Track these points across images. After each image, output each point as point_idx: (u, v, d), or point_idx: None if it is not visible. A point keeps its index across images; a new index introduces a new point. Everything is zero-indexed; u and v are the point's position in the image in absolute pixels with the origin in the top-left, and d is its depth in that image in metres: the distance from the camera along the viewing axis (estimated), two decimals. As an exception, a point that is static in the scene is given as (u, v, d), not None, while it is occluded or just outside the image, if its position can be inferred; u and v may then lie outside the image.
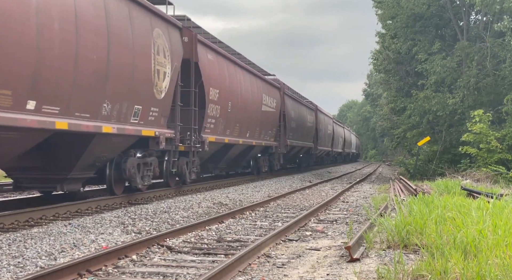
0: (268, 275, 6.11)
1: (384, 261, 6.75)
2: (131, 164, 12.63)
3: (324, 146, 43.41)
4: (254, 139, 22.96)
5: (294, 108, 31.72)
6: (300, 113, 33.53)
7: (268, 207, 13.27)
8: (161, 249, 7.38)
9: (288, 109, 29.87)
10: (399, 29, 27.56)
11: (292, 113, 30.92)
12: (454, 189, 15.26)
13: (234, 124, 19.89)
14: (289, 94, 30.94)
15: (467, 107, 24.11)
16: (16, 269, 6.01)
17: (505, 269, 5.31)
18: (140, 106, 12.18)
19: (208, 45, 17.24)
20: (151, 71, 12.51)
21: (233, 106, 19.41)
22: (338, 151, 55.21)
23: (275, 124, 26.90)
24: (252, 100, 22.30)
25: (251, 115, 22.21)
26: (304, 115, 35.05)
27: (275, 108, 26.75)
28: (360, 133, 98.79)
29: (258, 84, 23.80)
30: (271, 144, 26.10)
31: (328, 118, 47.49)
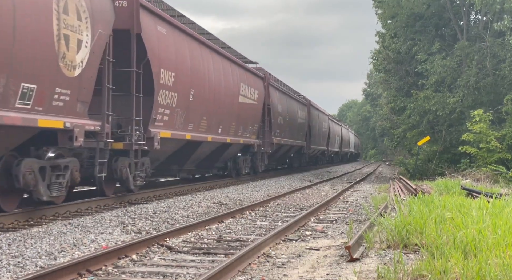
0: (268, 275, 6.11)
1: (384, 260, 6.75)
2: (28, 167, 9.16)
3: (319, 144, 40.25)
4: (229, 136, 19.49)
5: (282, 102, 28.06)
6: (290, 108, 30.23)
7: (268, 206, 13.27)
8: (161, 249, 7.38)
9: (274, 103, 26.30)
10: (399, 29, 27.58)
11: (280, 108, 27.30)
12: (454, 188, 15.27)
13: (199, 117, 16.34)
14: (275, 85, 26.99)
15: (467, 107, 24.12)
16: (16, 269, 6.01)
17: (505, 269, 5.31)
18: (34, 85, 8.63)
19: (158, 14, 13.59)
20: (52, 36, 8.98)
21: (197, 95, 15.82)
22: (335, 150, 52.12)
23: (257, 119, 23.17)
24: (225, 89, 18.70)
25: (224, 107, 18.67)
26: (295, 111, 31.85)
27: (256, 100, 22.82)
28: (360, 133, 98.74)
29: (234, 71, 20.06)
30: (252, 141, 22.51)
31: (323, 115, 44.18)
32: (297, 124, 32.36)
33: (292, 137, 30.64)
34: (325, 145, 43.84)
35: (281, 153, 30.43)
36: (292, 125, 30.85)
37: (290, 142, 30.16)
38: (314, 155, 42.04)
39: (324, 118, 43.91)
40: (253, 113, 22.65)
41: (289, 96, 31.19)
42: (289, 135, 29.70)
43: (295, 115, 31.96)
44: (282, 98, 28.31)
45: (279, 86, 28.45)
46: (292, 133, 30.68)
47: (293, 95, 32.51)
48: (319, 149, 41.01)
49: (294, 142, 31.50)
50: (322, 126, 41.97)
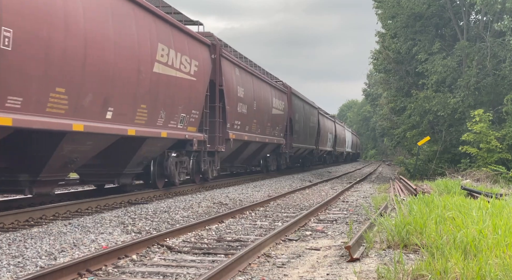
0: (268, 275, 6.11)
1: (384, 260, 6.75)
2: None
3: (305, 142, 33.95)
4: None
5: (244, 84, 21.25)
6: (259, 93, 23.32)
7: (268, 206, 13.27)
8: (161, 249, 7.38)
9: (231, 83, 20.03)
10: (399, 29, 27.58)
11: (240, 91, 20.52)
12: (454, 188, 15.27)
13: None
14: (232, 60, 19.88)
15: (467, 107, 24.11)
16: (16, 269, 6.01)
17: (505, 269, 5.31)
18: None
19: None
20: None
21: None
22: (326, 149, 45.69)
23: (199, 103, 17.70)
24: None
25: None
26: (267, 98, 24.88)
27: (195, 75, 16.16)
28: (360, 133, 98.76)
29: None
30: (189, 135, 16.65)
31: (311, 108, 37.17)
32: (271, 116, 25.48)
33: (262, 132, 24.04)
34: (313, 143, 37.71)
35: (248, 152, 23.25)
36: (262, 117, 23.89)
37: (260, 138, 23.35)
38: (299, 155, 35.54)
39: (312, 111, 37.45)
40: (190, 93, 15.32)
41: (258, 78, 23.60)
42: (257, 129, 23.12)
43: (268, 104, 25.04)
44: (244, 79, 21.23)
45: (238, 61, 20.71)
46: (262, 126, 24.03)
47: (264, 78, 25.04)
48: (306, 148, 34.66)
49: (266, 138, 24.63)
50: (309, 121, 35.59)
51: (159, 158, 14.83)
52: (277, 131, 27.01)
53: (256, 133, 22.88)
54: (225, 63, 18.51)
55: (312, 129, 36.95)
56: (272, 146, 26.56)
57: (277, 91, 27.29)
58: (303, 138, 33.61)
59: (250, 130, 21.96)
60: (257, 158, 25.90)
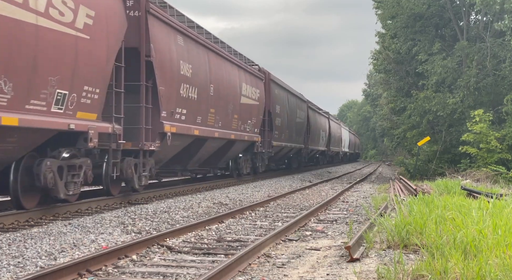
0: (268, 275, 6.11)
1: (384, 261, 6.75)
2: None
3: (289, 140, 29.33)
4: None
5: (190, 58, 15.29)
6: (221, 75, 18.01)
7: (268, 206, 13.27)
8: (161, 249, 7.38)
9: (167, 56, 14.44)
10: (399, 29, 27.59)
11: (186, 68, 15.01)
12: (454, 189, 15.27)
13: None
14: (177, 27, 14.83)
15: (467, 107, 24.12)
16: (16, 269, 6.01)
17: (505, 269, 5.31)
18: None
19: None
20: None
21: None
22: (318, 149, 40.88)
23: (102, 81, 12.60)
24: None
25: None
26: (233, 82, 19.47)
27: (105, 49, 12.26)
28: (360, 134, 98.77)
29: None
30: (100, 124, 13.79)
31: (298, 101, 32.39)
32: (239, 106, 20.13)
33: (226, 126, 18.55)
34: (301, 142, 33.36)
35: (207, 152, 17.97)
36: (225, 106, 18.51)
37: (221, 134, 17.85)
38: (284, 155, 31.26)
39: (299, 105, 32.75)
40: (77, 58, 10.17)
41: (218, 55, 17.90)
42: (217, 122, 17.58)
43: (235, 91, 19.60)
44: (193, 53, 15.52)
45: (183, 27, 15.13)
46: (226, 119, 18.58)
47: (228, 56, 19.37)
48: (291, 147, 30.20)
49: (232, 133, 19.25)
50: (295, 115, 30.94)
51: (27, 161, 9.58)
52: (249, 126, 21.57)
53: (215, 127, 17.29)
54: (156, 25, 13.13)
55: (299, 125, 32.37)
56: (243, 144, 21.14)
57: (249, 76, 21.75)
58: (288, 135, 28.99)
59: (204, 122, 16.32)
60: (222, 159, 20.03)
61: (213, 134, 17.04)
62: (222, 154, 19.60)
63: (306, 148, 35.02)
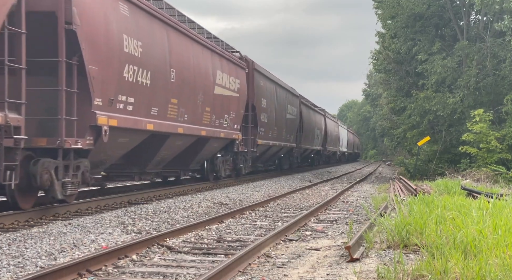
0: (268, 275, 6.11)
1: (384, 261, 6.75)
2: None
3: (278, 139, 26.54)
4: None
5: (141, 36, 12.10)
6: (187, 58, 15.00)
7: (268, 206, 13.27)
8: (161, 249, 7.38)
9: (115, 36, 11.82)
10: (399, 29, 27.59)
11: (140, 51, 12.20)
12: (454, 188, 15.27)
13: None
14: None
15: (467, 107, 24.13)
16: (16, 269, 6.01)
17: (505, 269, 5.31)
18: None
19: None
20: None
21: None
22: (313, 148, 38.60)
23: None
24: None
25: None
26: (202, 67, 16.15)
27: None
28: (360, 133, 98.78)
29: None
30: None
31: (288, 95, 29.37)
32: (213, 97, 16.89)
33: (194, 121, 15.38)
34: (293, 140, 30.88)
35: (172, 151, 15.00)
36: (193, 96, 15.31)
37: (187, 129, 14.84)
38: (273, 155, 28.17)
39: (290, 99, 29.83)
40: None
41: (181, 33, 14.66)
42: (182, 115, 14.53)
43: (206, 78, 16.29)
44: (143, 25, 12.35)
45: None
46: (193, 112, 15.42)
47: (196, 36, 15.88)
48: (281, 146, 27.39)
49: (203, 129, 16.04)
50: (284, 111, 28.07)
51: None
52: (227, 122, 18.50)
53: (179, 122, 14.29)
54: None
55: (291, 122, 29.63)
56: (219, 142, 18.20)
57: (226, 63, 18.29)
58: (277, 133, 26.17)
59: (163, 115, 13.34)
60: (195, 159, 16.95)
61: (175, 130, 13.90)
62: (193, 154, 16.49)
63: (298, 147, 32.50)
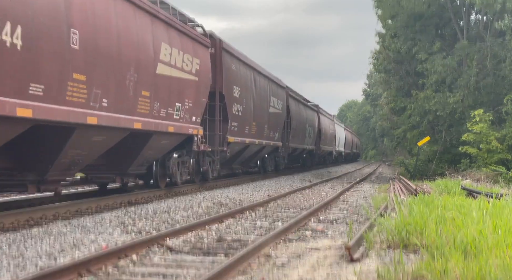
0: (268, 275, 6.11)
1: (384, 261, 6.75)
2: None
3: (259, 136, 22.61)
4: None
5: None
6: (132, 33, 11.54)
7: (268, 206, 13.27)
8: (161, 249, 7.38)
9: None
10: (399, 29, 27.61)
11: None
12: (454, 188, 15.28)
13: None
14: None
15: (467, 107, 24.14)
16: (16, 269, 6.01)
17: (505, 269, 5.31)
18: None
19: None
20: None
21: None
22: (305, 147, 35.01)
23: None
24: None
25: None
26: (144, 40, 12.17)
27: None
28: (360, 133, 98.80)
29: None
30: None
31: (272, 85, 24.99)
32: (164, 82, 13.13)
33: (120, 109, 11.14)
34: (278, 138, 26.85)
35: (92, 150, 11.05)
36: (117, 76, 11.01)
37: (115, 122, 10.94)
38: (252, 155, 23.52)
39: (275, 91, 25.84)
40: None
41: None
42: (101, 100, 10.43)
43: (146, 54, 12.25)
44: None
45: None
46: (119, 97, 11.19)
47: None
48: (263, 145, 23.38)
49: (147, 122, 12.29)
50: (266, 103, 23.95)
51: None
52: (179, 112, 14.06)
53: (92, 109, 10.11)
54: None
55: (275, 117, 25.54)
56: (170, 138, 13.96)
57: (178, 36, 13.89)
58: (256, 129, 22.19)
59: (55, 97, 9.24)
60: (134, 161, 12.90)
61: (83, 119, 9.85)
62: (129, 154, 12.74)
63: (285, 147, 28.96)
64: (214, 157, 17.72)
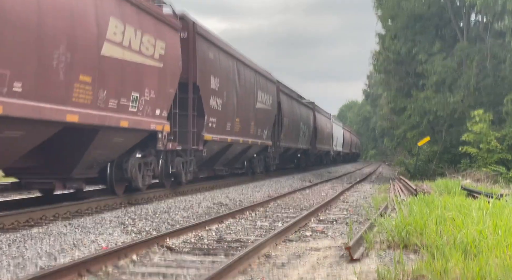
0: (268, 275, 6.11)
1: (384, 261, 6.75)
2: None
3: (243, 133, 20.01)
4: None
5: None
6: None
7: (268, 207, 13.27)
8: (161, 249, 7.38)
9: None
10: (399, 30, 27.62)
11: None
12: (454, 189, 15.27)
13: None
14: None
15: (467, 107, 24.15)
16: (16, 270, 6.01)
17: (505, 270, 5.31)
18: None
19: None
20: None
21: None
22: (298, 147, 32.61)
23: None
24: None
25: None
26: (75, 5, 9.35)
27: None
28: (360, 133, 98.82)
29: None
30: None
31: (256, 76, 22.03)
32: (112, 67, 10.65)
33: (48, 97, 8.67)
34: (267, 137, 24.12)
35: (14, 147, 8.83)
36: (43, 54, 8.57)
37: (31, 112, 8.34)
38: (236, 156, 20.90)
39: (263, 85, 22.99)
40: None
41: None
42: (16, 84, 7.94)
43: (89, 30, 9.80)
44: None
45: None
46: (44, 82, 8.65)
47: None
48: (249, 144, 20.88)
49: (90, 115, 9.90)
50: (254, 98, 21.50)
51: None
52: (136, 104, 11.73)
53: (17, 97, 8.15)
54: None
55: (263, 114, 22.98)
56: (125, 135, 11.77)
57: (133, 12, 11.52)
58: (241, 126, 19.60)
59: None
60: (79, 162, 10.74)
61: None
62: (71, 155, 10.63)
63: (276, 146, 26.43)
64: (187, 157, 15.30)
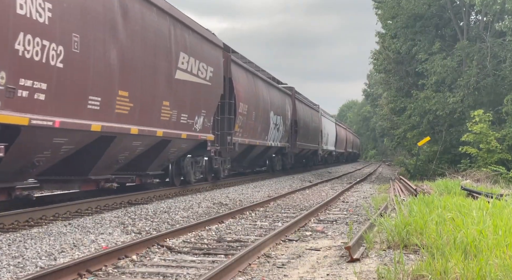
0: (268, 275, 6.11)
1: (384, 261, 6.75)
2: None
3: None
4: None
5: None
6: None
7: (268, 207, 13.27)
8: (161, 249, 7.38)
9: None
10: (399, 29, 27.60)
11: None
12: (454, 189, 15.26)
13: None
14: None
15: (467, 107, 24.14)
16: (16, 269, 6.01)
17: (506, 269, 5.30)
18: None
19: None
20: None
21: None
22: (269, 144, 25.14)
23: None
24: None
25: None
26: None
27: None
28: (360, 133, 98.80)
29: None
30: None
31: (169, 24, 13.16)
32: None
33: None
34: (205, 129, 15.88)
35: None
36: None
37: None
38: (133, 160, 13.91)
39: (192, 46, 14.75)
40: None
41: None
42: None
43: None
44: None
45: None
46: None
47: None
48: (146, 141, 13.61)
49: None
50: (162, 59, 13.10)
51: None
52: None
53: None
54: None
55: (194, 91, 15.16)
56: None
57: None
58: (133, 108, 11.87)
59: None
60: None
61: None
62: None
63: (224, 142, 18.43)
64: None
